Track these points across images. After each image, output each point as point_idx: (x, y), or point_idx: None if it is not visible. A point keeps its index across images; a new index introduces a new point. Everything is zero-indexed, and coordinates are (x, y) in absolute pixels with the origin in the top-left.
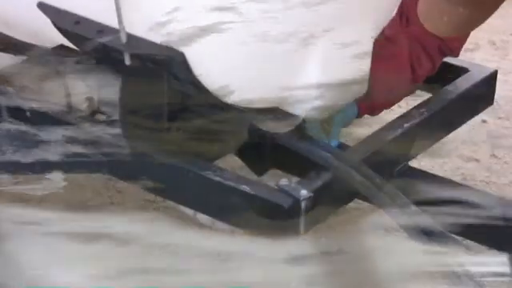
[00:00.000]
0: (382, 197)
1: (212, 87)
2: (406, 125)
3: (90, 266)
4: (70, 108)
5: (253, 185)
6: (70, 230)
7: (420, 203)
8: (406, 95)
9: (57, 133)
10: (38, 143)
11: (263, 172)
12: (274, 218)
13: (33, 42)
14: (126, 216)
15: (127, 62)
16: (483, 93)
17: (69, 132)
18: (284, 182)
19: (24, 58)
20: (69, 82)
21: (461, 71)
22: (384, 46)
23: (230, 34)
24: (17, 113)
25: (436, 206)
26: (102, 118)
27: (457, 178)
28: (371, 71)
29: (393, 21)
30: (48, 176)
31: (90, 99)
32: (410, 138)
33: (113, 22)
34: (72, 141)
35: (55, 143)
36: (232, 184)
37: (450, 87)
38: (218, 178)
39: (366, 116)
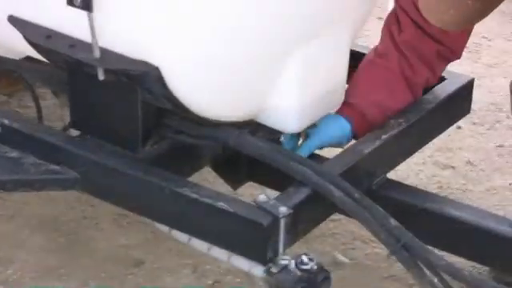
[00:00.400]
0: (361, 211)
1: (187, 102)
2: (383, 136)
3: None
4: (42, 123)
5: (230, 202)
6: None
7: (399, 216)
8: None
9: (29, 149)
10: (9, 160)
11: (239, 185)
12: (253, 236)
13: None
14: None
15: (101, 77)
16: (461, 102)
17: (41, 148)
18: (262, 198)
19: None
20: (40, 96)
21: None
22: (373, 62)
23: (205, 50)
24: None
25: (414, 218)
26: (74, 133)
27: (433, 187)
28: (360, 88)
29: (383, 35)
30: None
31: (62, 114)
32: (388, 150)
33: (86, 36)
34: (44, 158)
35: (27, 161)
36: (209, 201)
37: (427, 96)
38: (194, 195)
39: None
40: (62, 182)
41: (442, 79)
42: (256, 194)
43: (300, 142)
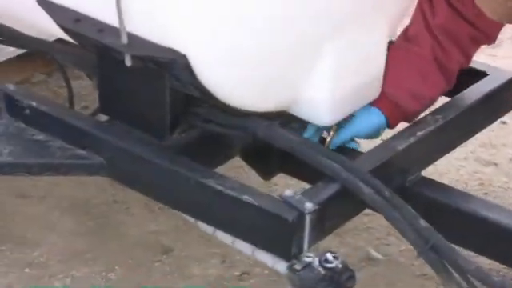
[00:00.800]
0: (390, 210)
1: (214, 90)
2: (419, 133)
3: None
4: (73, 107)
5: (256, 195)
6: None
7: (431, 214)
8: (441, 94)
9: (56, 133)
10: (36, 143)
11: (270, 176)
12: (277, 231)
13: (34, 35)
14: None
15: (128, 63)
16: (503, 98)
17: (68, 132)
18: (288, 193)
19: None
20: (78, 76)
21: (479, 75)
22: (403, 48)
23: (232, 38)
24: (15, 110)
25: (447, 218)
26: (103, 118)
27: (473, 183)
28: (391, 76)
29: (415, 17)
30: None
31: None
32: (424, 147)
33: (114, 21)
34: (71, 142)
35: (54, 144)
36: (234, 194)
37: (467, 92)
38: (219, 187)
39: None
40: (87, 167)
41: (485, 74)
42: (292, 184)
43: (331, 134)
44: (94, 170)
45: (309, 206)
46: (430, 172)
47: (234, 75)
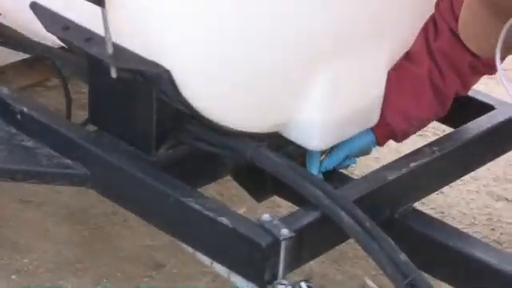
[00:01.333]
0: (369, 241)
1: (199, 107)
2: (412, 164)
3: None
4: (70, 115)
5: (233, 217)
6: None
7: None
8: (433, 118)
9: (45, 140)
10: (23, 150)
11: (262, 198)
12: (251, 256)
13: (39, 40)
14: None
15: (113, 74)
16: (508, 133)
17: (56, 140)
18: (266, 217)
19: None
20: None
21: (487, 108)
22: (401, 65)
23: (217, 56)
24: (7, 115)
25: (434, 253)
26: (92, 128)
27: (482, 218)
28: (387, 95)
29: (418, 37)
30: None
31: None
32: (417, 179)
33: (102, 31)
34: (59, 150)
35: (41, 151)
36: (211, 214)
37: (470, 125)
38: (197, 207)
39: None
40: (71, 178)
41: (492, 108)
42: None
43: (323, 156)
44: (78, 181)
45: (284, 231)
46: (439, 203)
47: (218, 93)
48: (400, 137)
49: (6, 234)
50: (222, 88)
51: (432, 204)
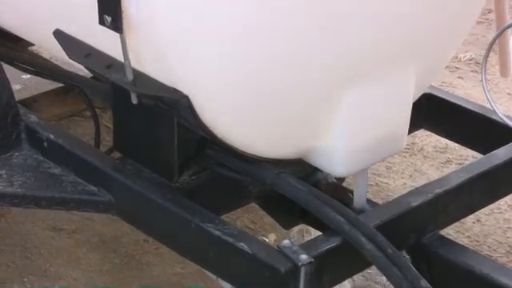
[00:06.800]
0: (391, 268)
1: (220, 134)
2: (438, 190)
3: None
4: (98, 144)
5: (252, 243)
6: None
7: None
8: None
9: (70, 167)
10: (50, 177)
11: (290, 225)
12: (271, 282)
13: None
14: None
15: (134, 101)
16: None
17: (81, 168)
18: (286, 243)
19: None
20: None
21: None
22: None
23: (241, 81)
24: (35, 142)
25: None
26: (117, 155)
27: (501, 251)
28: None
29: None
30: None
31: None
32: (442, 205)
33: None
34: (84, 177)
35: (67, 178)
36: (231, 240)
37: (498, 152)
38: (217, 232)
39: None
40: (96, 204)
41: None
42: None
43: None
44: (102, 208)
45: (303, 257)
46: (475, 232)
47: (237, 119)
48: None
49: (38, 262)
50: (238, 114)
51: (468, 232)
